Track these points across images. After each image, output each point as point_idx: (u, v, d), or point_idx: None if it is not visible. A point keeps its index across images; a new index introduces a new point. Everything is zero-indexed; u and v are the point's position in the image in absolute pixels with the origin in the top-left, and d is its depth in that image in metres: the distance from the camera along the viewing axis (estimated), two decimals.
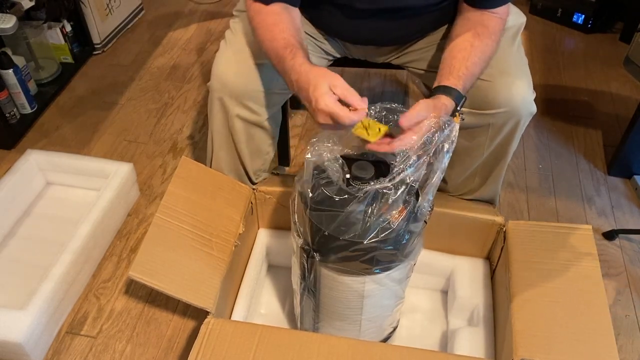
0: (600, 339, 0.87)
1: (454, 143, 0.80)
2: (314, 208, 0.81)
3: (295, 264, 0.96)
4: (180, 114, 1.72)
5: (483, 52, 0.91)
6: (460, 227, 1.11)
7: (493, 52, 0.94)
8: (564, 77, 1.92)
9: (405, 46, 1.11)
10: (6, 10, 1.45)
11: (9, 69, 1.53)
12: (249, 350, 0.83)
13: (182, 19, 2.19)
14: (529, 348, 0.86)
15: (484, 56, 0.92)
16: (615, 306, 1.23)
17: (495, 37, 0.94)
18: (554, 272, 0.96)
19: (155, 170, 1.53)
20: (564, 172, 1.57)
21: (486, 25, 0.92)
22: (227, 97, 1.01)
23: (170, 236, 0.98)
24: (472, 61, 0.89)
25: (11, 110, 1.59)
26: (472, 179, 1.13)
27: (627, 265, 1.32)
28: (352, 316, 0.94)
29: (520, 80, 0.96)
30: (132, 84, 1.85)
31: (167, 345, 1.14)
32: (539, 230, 1.03)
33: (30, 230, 1.34)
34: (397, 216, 0.79)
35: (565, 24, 2.16)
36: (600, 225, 1.41)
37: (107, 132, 1.65)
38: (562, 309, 0.91)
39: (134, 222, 1.39)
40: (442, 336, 1.13)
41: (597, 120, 1.74)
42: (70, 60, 1.87)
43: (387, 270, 0.85)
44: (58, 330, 1.16)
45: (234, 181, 1.12)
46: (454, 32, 0.95)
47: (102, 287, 1.25)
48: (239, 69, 0.99)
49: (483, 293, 1.09)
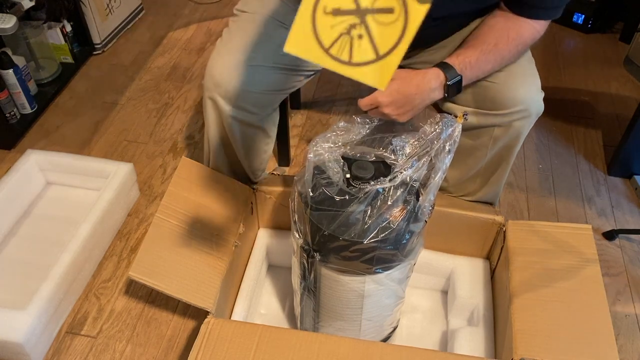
0: (600, 339, 0.87)
1: (456, 143, 0.79)
2: (314, 208, 0.81)
3: (295, 263, 0.96)
4: (180, 114, 1.72)
5: (502, 57, 0.90)
6: (460, 227, 1.11)
7: (512, 60, 0.93)
8: (564, 77, 1.92)
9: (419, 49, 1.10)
10: (6, 10, 1.45)
11: (9, 69, 1.53)
12: (249, 350, 0.83)
13: (182, 19, 2.19)
14: (529, 348, 0.86)
15: (501, 60, 0.91)
16: (615, 306, 1.23)
17: (522, 48, 0.92)
18: (554, 272, 0.96)
19: (155, 170, 1.53)
20: (564, 172, 1.56)
21: (520, 33, 0.90)
22: (221, 97, 1.00)
23: (170, 236, 0.98)
24: (487, 58, 0.88)
25: (11, 110, 1.59)
26: (473, 180, 1.13)
27: (627, 265, 1.32)
28: (352, 316, 0.94)
29: (529, 80, 0.96)
30: (132, 84, 1.84)
31: (167, 345, 1.14)
32: (539, 230, 1.03)
33: (30, 230, 1.34)
34: (398, 216, 0.79)
35: (565, 24, 2.16)
36: (600, 225, 1.41)
37: (107, 132, 1.65)
38: (562, 308, 0.91)
39: (134, 222, 1.39)
40: (442, 336, 1.13)
41: (597, 120, 1.74)
42: (70, 60, 1.87)
43: (388, 270, 0.85)
44: (58, 330, 1.16)
45: (234, 181, 1.12)
46: (485, 24, 0.92)
47: (102, 287, 1.25)
48: (233, 70, 0.98)
49: (483, 293, 1.09)
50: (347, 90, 1.82)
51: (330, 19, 0.35)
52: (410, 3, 0.35)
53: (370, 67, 0.36)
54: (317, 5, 0.34)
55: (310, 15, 0.35)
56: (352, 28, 0.35)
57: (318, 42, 0.36)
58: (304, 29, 0.35)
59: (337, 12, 0.35)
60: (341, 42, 0.36)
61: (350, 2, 0.34)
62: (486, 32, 0.91)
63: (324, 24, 0.35)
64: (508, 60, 0.93)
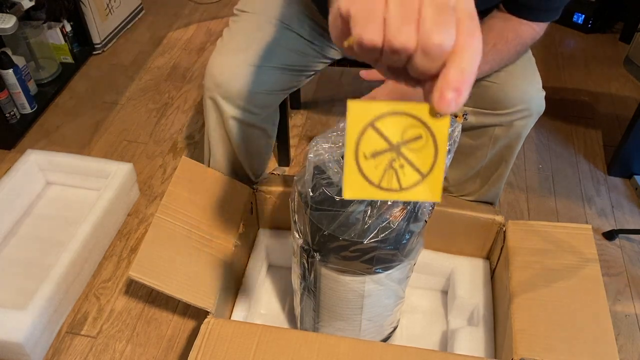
0: (600, 339, 0.87)
1: (456, 143, 0.79)
2: (314, 208, 0.81)
3: (295, 264, 0.96)
4: (180, 114, 1.72)
5: (501, 58, 0.90)
6: (460, 227, 1.11)
7: (511, 61, 0.92)
8: (564, 77, 1.92)
9: None
10: (6, 10, 1.45)
11: (9, 69, 1.53)
12: (249, 350, 0.83)
13: (182, 19, 2.19)
14: (529, 348, 0.86)
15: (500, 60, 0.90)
16: (615, 306, 1.23)
17: (521, 49, 0.92)
18: (554, 272, 0.96)
19: (155, 170, 1.53)
20: (564, 172, 1.57)
21: (519, 34, 0.90)
22: (221, 97, 1.00)
23: (170, 236, 0.98)
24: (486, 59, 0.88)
25: (11, 110, 1.59)
26: (474, 180, 1.13)
27: (627, 265, 1.32)
28: (352, 316, 0.94)
29: (529, 79, 0.96)
30: (132, 84, 1.85)
31: (167, 345, 1.14)
32: (539, 230, 1.03)
33: (30, 230, 1.34)
34: (398, 216, 0.79)
35: (565, 24, 2.16)
36: (600, 225, 1.41)
37: (107, 132, 1.65)
38: (562, 308, 0.91)
39: (134, 222, 1.39)
40: (442, 336, 1.13)
41: (597, 120, 1.74)
42: (70, 60, 1.87)
43: (388, 270, 0.85)
44: (58, 330, 1.16)
45: (234, 181, 1.12)
46: (484, 25, 0.91)
47: (102, 287, 1.25)
48: (233, 70, 0.98)
49: (483, 293, 1.09)
50: (347, 90, 1.82)
51: (372, 162, 0.41)
52: (432, 125, 0.40)
53: (420, 186, 0.42)
54: (357, 155, 0.41)
55: (355, 164, 0.41)
56: (393, 162, 0.41)
57: (369, 183, 0.41)
58: (354, 176, 0.41)
59: (376, 154, 0.41)
60: (388, 176, 0.41)
61: (384, 143, 0.40)
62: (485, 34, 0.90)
63: (368, 167, 0.41)
64: (507, 61, 0.93)
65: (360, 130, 0.40)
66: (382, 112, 0.40)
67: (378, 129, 0.40)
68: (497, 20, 0.91)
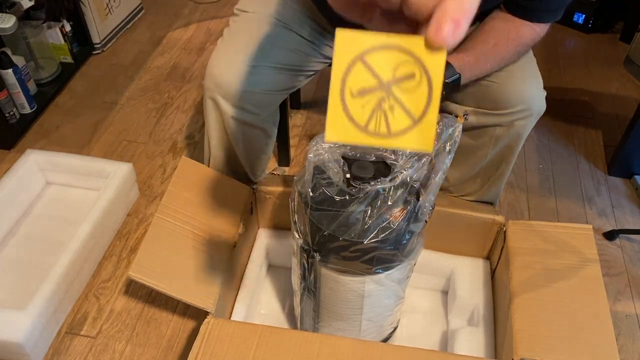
0: (600, 339, 0.87)
1: (456, 143, 0.79)
2: (314, 208, 0.81)
3: (295, 264, 0.96)
4: (180, 114, 1.72)
5: (502, 58, 0.90)
6: (460, 227, 1.11)
7: (512, 61, 0.92)
8: (564, 77, 1.92)
9: None
10: (6, 10, 1.44)
11: (9, 69, 1.53)
12: (249, 350, 0.83)
13: (182, 19, 2.19)
14: (529, 348, 0.86)
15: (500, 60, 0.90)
16: (615, 306, 1.23)
17: (522, 49, 0.92)
18: (554, 272, 0.96)
19: (155, 170, 1.53)
20: (564, 172, 1.56)
21: (520, 34, 0.90)
22: (221, 97, 1.00)
23: (170, 236, 0.98)
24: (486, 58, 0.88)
25: (11, 110, 1.59)
26: (474, 180, 1.13)
27: (627, 265, 1.32)
28: (352, 316, 0.94)
29: (530, 79, 0.96)
30: (132, 84, 1.84)
31: (167, 345, 1.14)
32: (539, 230, 1.03)
33: (30, 230, 1.34)
34: (398, 216, 0.79)
35: (566, 24, 2.16)
36: (601, 225, 1.41)
37: (107, 132, 1.65)
38: (563, 308, 0.91)
39: (134, 222, 1.39)
40: (442, 336, 1.13)
41: (597, 120, 1.74)
42: (70, 60, 1.87)
43: (388, 270, 0.85)
44: (58, 330, 1.16)
45: (233, 181, 1.12)
46: (485, 25, 0.92)
47: (102, 287, 1.25)
48: (233, 70, 0.98)
49: (483, 293, 1.09)
50: None
51: (359, 100, 0.36)
52: (427, 62, 0.35)
53: (411, 133, 0.37)
54: (343, 92, 0.36)
55: (340, 102, 0.36)
56: (382, 102, 0.36)
57: (355, 125, 0.37)
58: (338, 116, 0.37)
59: (364, 92, 0.36)
60: (376, 118, 0.37)
61: (373, 80, 0.36)
62: (486, 33, 0.91)
63: (354, 106, 0.36)
64: (507, 61, 0.93)
65: (349, 64, 0.36)
66: (374, 44, 0.35)
67: (368, 64, 0.36)
68: (498, 21, 0.91)
